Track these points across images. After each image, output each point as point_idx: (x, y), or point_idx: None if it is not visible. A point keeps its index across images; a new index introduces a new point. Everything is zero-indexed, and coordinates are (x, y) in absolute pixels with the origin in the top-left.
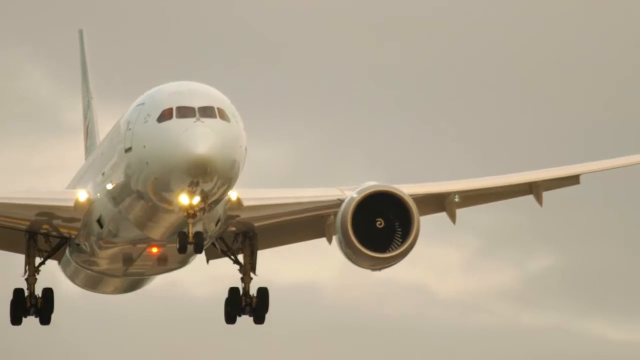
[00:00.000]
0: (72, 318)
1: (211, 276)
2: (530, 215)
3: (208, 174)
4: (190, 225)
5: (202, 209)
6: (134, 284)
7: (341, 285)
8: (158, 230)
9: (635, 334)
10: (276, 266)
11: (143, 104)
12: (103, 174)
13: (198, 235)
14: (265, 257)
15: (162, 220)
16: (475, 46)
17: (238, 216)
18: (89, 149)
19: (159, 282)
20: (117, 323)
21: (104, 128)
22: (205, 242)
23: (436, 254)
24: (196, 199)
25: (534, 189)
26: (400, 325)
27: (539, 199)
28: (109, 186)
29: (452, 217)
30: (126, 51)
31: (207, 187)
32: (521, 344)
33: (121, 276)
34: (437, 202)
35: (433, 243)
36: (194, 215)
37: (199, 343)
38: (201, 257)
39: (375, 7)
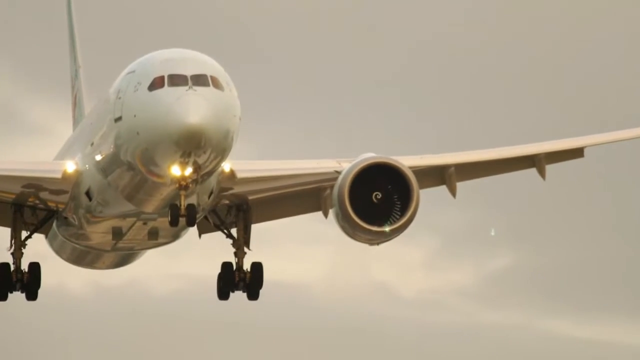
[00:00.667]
0: (60, 293)
1: (203, 251)
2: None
3: (201, 145)
4: (182, 198)
5: (195, 181)
6: (123, 259)
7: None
8: (149, 203)
9: None
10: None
11: (133, 71)
12: (92, 144)
13: (190, 207)
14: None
15: (153, 193)
16: (477, 20)
17: (231, 188)
18: (77, 119)
19: (149, 257)
20: (106, 299)
21: (92, 98)
22: (197, 215)
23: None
24: (188, 170)
25: (536, 162)
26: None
27: (542, 173)
28: (98, 157)
29: (453, 190)
30: (117, 18)
31: (199, 157)
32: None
33: (110, 251)
34: (437, 175)
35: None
36: (186, 187)
37: (191, 320)
38: (193, 231)
39: None
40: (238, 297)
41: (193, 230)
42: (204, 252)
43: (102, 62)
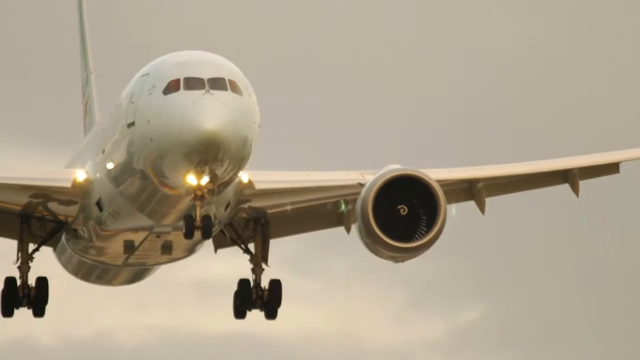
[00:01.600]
0: (68, 310)
1: (219, 266)
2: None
3: (218, 152)
4: (198, 208)
5: (211, 191)
6: (134, 275)
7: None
8: (162, 214)
9: None
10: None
11: (148, 74)
12: (103, 151)
13: (206, 218)
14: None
15: (167, 203)
16: (503, 26)
17: (249, 200)
18: (87, 127)
19: (162, 273)
20: (115, 316)
21: (104, 105)
22: (214, 228)
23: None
24: (205, 180)
25: (569, 177)
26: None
27: (576, 188)
28: (110, 165)
29: (481, 206)
30: (131, 21)
31: (216, 166)
32: None
33: (121, 265)
34: (465, 190)
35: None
36: (202, 197)
37: (206, 339)
38: (208, 245)
39: None
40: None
41: (208, 245)
42: (220, 267)
43: (115, 68)
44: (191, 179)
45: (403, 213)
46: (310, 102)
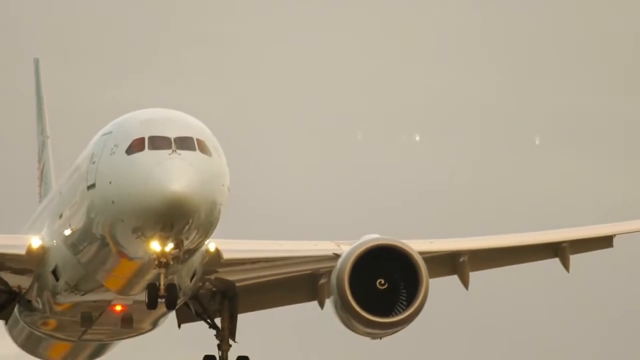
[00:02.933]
0: None
1: (183, 342)
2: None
3: (184, 216)
4: (162, 276)
5: (176, 258)
6: (90, 351)
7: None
8: (123, 284)
9: None
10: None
11: (110, 133)
12: (61, 216)
13: (171, 287)
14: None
15: (129, 272)
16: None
17: (216, 271)
18: (43, 195)
19: (120, 349)
20: None
21: (61, 171)
22: (179, 298)
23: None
24: (169, 246)
25: (559, 251)
26: None
27: (566, 263)
28: (67, 231)
29: (465, 281)
30: (88, 84)
31: (182, 231)
32: None
33: (76, 341)
34: (448, 263)
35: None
36: (166, 265)
37: None
38: (171, 320)
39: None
40: None
41: (171, 320)
42: (183, 344)
43: (74, 132)
44: (155, 245)
45: (382, 287)
46: (283, 167)
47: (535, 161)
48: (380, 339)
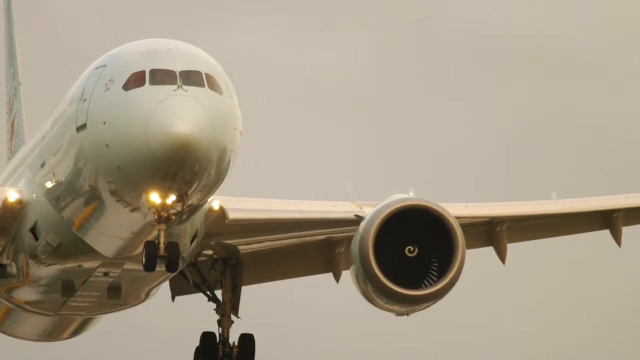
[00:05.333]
0: None
1: (178, 317)
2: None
3: (190, 163)
4: (162, 233)
5: (179, 213)
6: (67, 328)
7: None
8: (114, 244)
9: None
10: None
11: (104, 66)
12: (43, 165)
13: (172, 246)
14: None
15: (122, 229)
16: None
17: (220, 233)
18: (13, 151)
19: (105, 325)
20: None
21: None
22: (181, 259)
23: None
24: (171, 198)
25: (611, 221)
26: None
27: (618, 236)
28: (51, 182)
29: (502, 253)
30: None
31: (187, 181)
32: None
33: (54, 314)
34: (483, 232)
35: None
36: (166, 220)
37: None
38: (164, 292)
39: None
40: None
41: (164, 290)
42: (178, 319)
43: (51, 77)
44: (154, 197)
45: (411, 254)
46: (298, 115)
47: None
48: (408, 315)
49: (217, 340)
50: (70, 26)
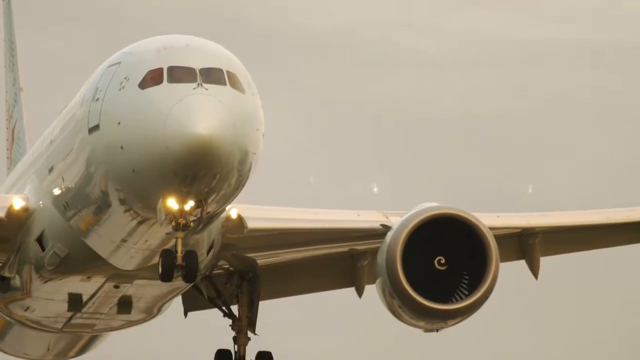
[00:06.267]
0: None
1: (190, 334)
2: None
3: (211, 166)
4: (180, 241)
5: (198, 220)
6: (72, 346)
7: None
8: (127, 254)
9: None
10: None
11: (118, 63)
12: (51, 170)
13: (190, 255)
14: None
15: (136, 238)
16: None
17: (238, 244)
18: (14, 160)
19: (113, 343)
20: None
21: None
22: (199, 270)
23: None
24: (190, 204)
25: None
26: None
27: None
28: (59, 188)
29: (534, 267)
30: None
31: (207, 185)
32: None
33: (58, 331)
34: (515, 244)
35: None
36: (185, 227)
37: None
38: (176, 306)
39: None
40: None
41: (176, 306)
42: (191, 335)
43: (53, 83)
44: (172, 203)
45: (441, 267)
46: (321, 120)
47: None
48: (437, 331)
49: (233, 358)
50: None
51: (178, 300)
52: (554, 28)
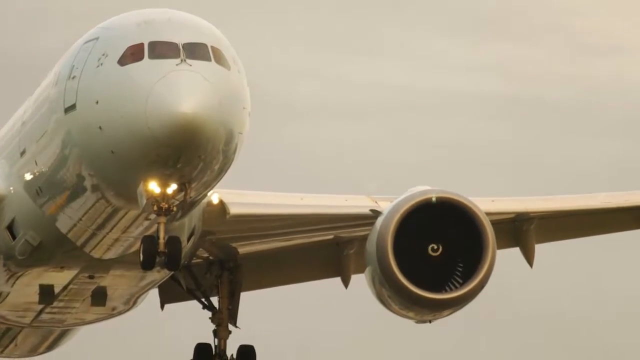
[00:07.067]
0: None
1: (168, 328)
2: None
3: (196, 146)
4: (162, 227)
5: (181, 205)
6: (41, 341)
7: None
8: (104, 242)
9: None
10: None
11: (96, 39)
12: (23, 153)
13: (173, 241)
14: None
15: (115, 224)
16: None
17: (219, 231)
18: None
19: (85, 337)
20: None
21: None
22: (182, 257)
23: None
24: (172, 187)
25: None
26: None
27: None
28: (32, 172)
29: (529, 254)
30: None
31: (191, 166)
32: None
33: (27, 325)
34: (509, 230)
35: None
36: (167, 212)
37: None
38: (152, 298)
39: None
40: None
41: (152, 298)
42: (168, 329)
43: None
44: (154, 186)
45: (434, 254)
46: (306, 100)
47: None
48: (430, 322)
49: (214, 352)
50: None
51: (154, 292)
52: (456, 78)
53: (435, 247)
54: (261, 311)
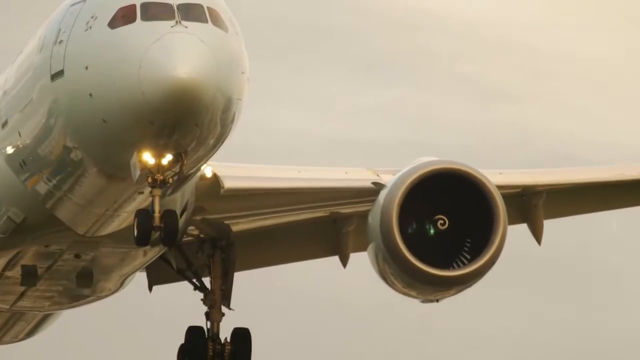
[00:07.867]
0: None
1: (157, 310)
2: None
3: (193, 113)
4: (157, 200)
5: (177, 177)
6: (23, 326)
7: None
8: (94, 218)
9: None
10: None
11: (83, 1)
12: (5, 124)
13: (169, 214)
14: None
15: (106, 198)
16: None
17: (213, 206)
18: None
19: (70, 321)
20: None
21: None
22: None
23: None
24: (168, 157)
25: None
26: None
27: None
28: (15, 145)
29: (538, 232)
30: None
31: (188, 135)
32: None
33: (8, 309)
34: (517, 204)
35: None
36: (162, 184)
37: None
38: (139, 279)
39: None
40: None
41: (139, 279)
42: (157, 312)
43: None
44: (148, 156)
45: (442, 228)
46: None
47: None
48: (437, 301)
49: (206, 336)
50: None
51: (141, 274)
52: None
53: (442, 221)
54: (257, 292)
